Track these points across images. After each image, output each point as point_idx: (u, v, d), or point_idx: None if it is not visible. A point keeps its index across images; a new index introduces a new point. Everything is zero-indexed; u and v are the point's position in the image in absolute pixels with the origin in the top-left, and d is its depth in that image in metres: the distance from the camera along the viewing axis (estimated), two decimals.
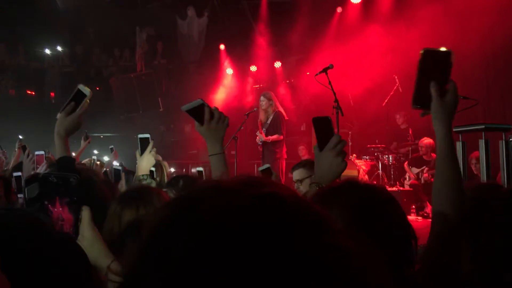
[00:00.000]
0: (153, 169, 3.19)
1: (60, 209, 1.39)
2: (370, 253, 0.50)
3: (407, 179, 8.38)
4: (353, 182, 1.24)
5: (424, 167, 8.06)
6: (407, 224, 1.19)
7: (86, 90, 2.21)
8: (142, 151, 2.79)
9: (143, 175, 2.74)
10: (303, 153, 9.51)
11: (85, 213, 1.40)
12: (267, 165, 3.15)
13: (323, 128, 1.71)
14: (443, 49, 1.51)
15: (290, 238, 0.46)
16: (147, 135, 2.83)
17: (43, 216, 1.36)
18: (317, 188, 1.66)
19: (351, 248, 0.48)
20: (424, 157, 8.05)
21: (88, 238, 1.40)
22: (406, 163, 8.45)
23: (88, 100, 2.23)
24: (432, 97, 1.46)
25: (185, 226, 0.48)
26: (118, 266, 1.38)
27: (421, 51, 1.50)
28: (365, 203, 1.16)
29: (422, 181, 8.00)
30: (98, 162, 5.60)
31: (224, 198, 0.50)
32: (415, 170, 8.23)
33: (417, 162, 8.22)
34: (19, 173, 3.31)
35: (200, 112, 1.93)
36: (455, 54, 1.49)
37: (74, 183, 1.38)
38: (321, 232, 0.49)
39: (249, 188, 0.52)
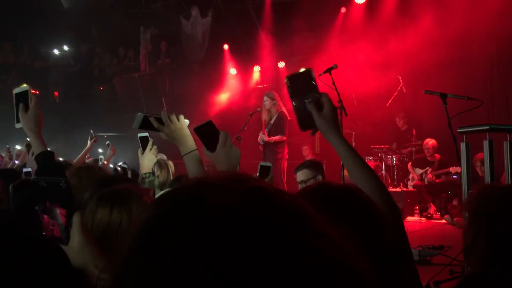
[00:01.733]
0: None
1: (51, 214, 1.38)
2: (351, 242, 0.51)
3: (411, 180, 8.37)
4: (322, 185, 1.22)
5: (428, 168, 8.05)
6: (383, 223, 1.17)
7: (23, 87, 2.22)
8: (143, 150, 2.81)
9: (145, 173, 2.77)
10: (306, 153, 9.49)
11: (75, 218, 1.39)
12: (269, 164, 3.14)
13: (208, 131, 1.83)
14: (302, 69, 1.59)
15: (280, 228, 0.47)
16: (146, 134, 2.86)
17: (33, 220, 1.35)
18: None
19: (336, 235, 0.50)
20: (429, 158, 8.04)
21: (78, 242, 1.39)
22: (409, 163, 8.43)
23: (32, 91, 2.23)
24: (312, 115, 1.53)
25: (172, 224, 0.48)
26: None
27: (285, 80, 1.59)
28: (330, 205, 1.14)
29: (426, 182, 7.99)
30: (105, 162, 5.67)
31: (209, 194, 0.51)
32: (419, 170, 8.21)
33: (421, 162, 8.21)
34: (29, 169, 3.31)
35: (151, 123, 1.90)
36: (313, 69, 1.59)
37: (64, 187, 1.37)
38: (308, 220, 0.50)
39: (233, 183, 0.53)
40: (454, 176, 7.63)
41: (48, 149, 2.26)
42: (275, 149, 7.58)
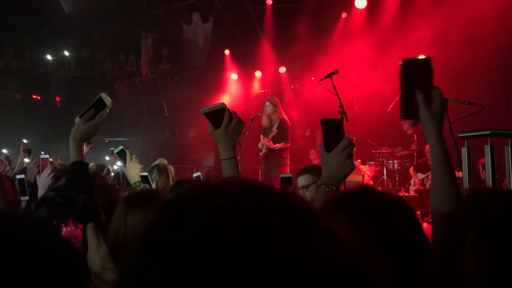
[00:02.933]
0: (145, 173, 3.22)
1: (72, 227, 1.41)
2: (359, 241, 0.51)
3: (412, 184, 8.35)
4: (367, 189, 1.23)
5: (429, 172, 8.01)
6: (421, 234, 1.18)
7: (107, 100, 2.25)
8: (125, 163, 2.84)
9: (134, 183, 2.77)
10: (314, 157, 9.45)
11: (89, 227, 1.42)
12: (289, 174, 3.13)
13: (333, 130, 1.74)
14: (422, 56, 1.50)
15: (285, 226, 0.48)
16: (121, 147, 2.88)
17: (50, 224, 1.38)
18: (327, 189, 1.68)
19: (344, 233, 0.50)
20: (430, 162, 7.99)
21: (91, 244, 1.42)
22: (411, 168, 8.42)
23: (108, 110, 2.25)
24: (419, 106, 1.46)
25: (178, 226, 0.49)
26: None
27: (401, 62, 1.51)
28: (375, 210, 1.15)
29: (428, 187, 7.96)
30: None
31: (213, 196, 0.52)
32: (421, 175, 8.20)
33: (423, 167, 8.19)
34: (23, 176, 3.32)
35: (219, 116, 1.91)
36: (434, 60, 1.49)
37: (80, 203, 1.40)
38: (315, 218, 0.51)
39: (236, 185, 0.54)
40: None
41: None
42: (281, 155, 7.62)
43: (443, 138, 1.48)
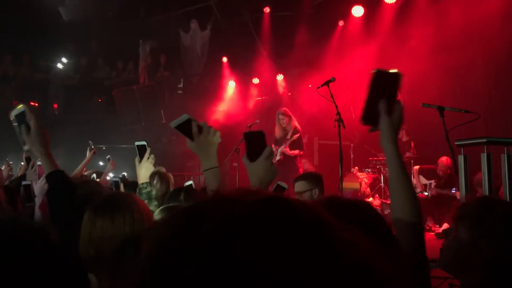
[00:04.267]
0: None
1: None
2: (376, 250, 0.52)
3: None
4: (333, 198, 1.23)
5: (433, 181, 7.96)
6: (391, 238, 1.19)
7: (19, 108, 2.21)
8: (141, 159, 2.78)
9: (143, 183, 2.73)
10: (307, 166, 9.48)
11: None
12: (286, 186, 3.11)
13: (256, 141, 1.82)
14: (393, 70, 1.60)
15: (298, 236, 0.48)
16: (144, 142, 2.81)
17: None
18: None
19: (362, 242, 0.50)
20: (440, 172, 7.89)
21: None
22: (417, 167, 8.28)
23: (29, 113, 2.22)
24: (380, 115, 1.54)
25: (195, 237, 0.49)
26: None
27: (373, 71, 1.59)
28: (341, 219, 1.16)
29: (429, 196, 7.92)
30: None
31: (227, 206, 0.52)
32: (423, 180, 8.17)
33: (428, 173, 8.13)
34: (28, 182, 3.33)
35: (189, 128, 1.91)
36: (403, 76, 1.58)
37: None
38: (332, 228, 0.51)
39: (249, 195, 0.54)
40: (453, 190, 7.60)
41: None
42: (297, 163, 7.77)
43: (398, 149, 1.55)
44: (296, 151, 7.72)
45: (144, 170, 2.75)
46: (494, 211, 1.59)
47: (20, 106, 2.22)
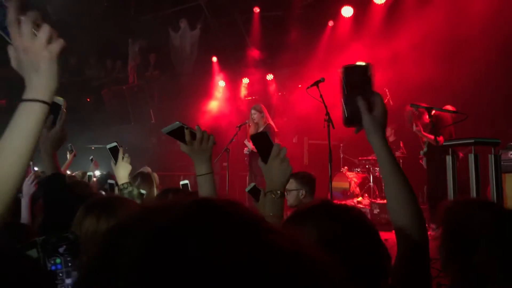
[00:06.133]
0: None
1: (67, 266, 1.41)
2: (317, 253, 0.50)
3: None
4: (326, 203, 1.25)
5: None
6: (379, 243, 1.20)
7: (59, 100, 2.15)
8: (116, 160, 2.75)
9: (123, 184, 2.71)
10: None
11: None
12: (252, 184, 3.15)
13: (263, 142, 1.81)
14: (361, 63, 1.51)
15: (222, 241, 0.47)
16: (115, 144, 2.77)
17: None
18: (272, 196, 1.73)
19: (287, 245, 0.49)
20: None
21: None
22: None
23: (64, 110, 2.20)
24: (361, 113, 1.46)
25: (117, 256, 0.48)
26: None
27: (341, 69, 1.52)
28: (334, 222, 1.17)
29: None
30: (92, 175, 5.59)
31: (150, 221, 0.51)
32: None
33: None
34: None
35: (182, 134, 1.88)
36: (372, 66, 1.49)
37: (72, 238, 1.40)
38: (257, 228, 0.50)
39: (176, 204, 0.53)
40: None
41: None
42: None
43: (387, 143, 1.47)
44: None
45: (122, 170, 2.72)
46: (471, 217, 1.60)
47: (60, 98, 2.15)
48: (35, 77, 1.29)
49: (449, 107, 7.28)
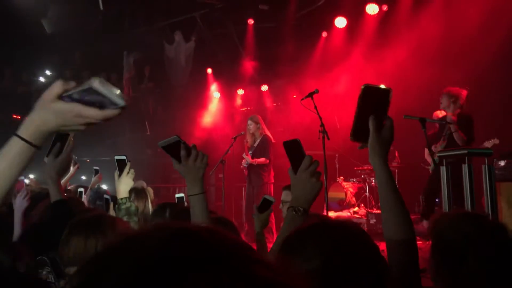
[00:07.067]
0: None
1: None
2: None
3: None
4: (324, 222, 1.22)
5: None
6: (379, 257, 1.20)
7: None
8: (120, 173, 2.73)
9: (121, 199, 2.69)
10: None
11: None
12: (273, 199, 3.06)
13: (294, 151, 1.74)
14: (383, 86, 1.54)
15: (203, 266, 0.47)
16: (123, 157, 2.75)
17: None
18: (293, 212, 1.65)
19: (270, 276, 0.48)
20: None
21: None
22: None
23: (72, 138, 2.22)
24: (369, 131, 1.50)
25: (102, 282, 0.48)
26: None
27: (362, 87, 1.55)
28: (336, 242, 1.15)
29: None
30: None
31: (132, 248, 0.51)
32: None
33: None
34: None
35: (177, 149, 1.85)
36: (392, 91, 1.52)
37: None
38: (237, 256, 0.50)
39: (157, 231, 0.53)
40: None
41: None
42: (261, 173, 7.59)
43: (387, 165, 1.51)
44: (262, 159, 7.60)
45: (123, 185, 2.70)
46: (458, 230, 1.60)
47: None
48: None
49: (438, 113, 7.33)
